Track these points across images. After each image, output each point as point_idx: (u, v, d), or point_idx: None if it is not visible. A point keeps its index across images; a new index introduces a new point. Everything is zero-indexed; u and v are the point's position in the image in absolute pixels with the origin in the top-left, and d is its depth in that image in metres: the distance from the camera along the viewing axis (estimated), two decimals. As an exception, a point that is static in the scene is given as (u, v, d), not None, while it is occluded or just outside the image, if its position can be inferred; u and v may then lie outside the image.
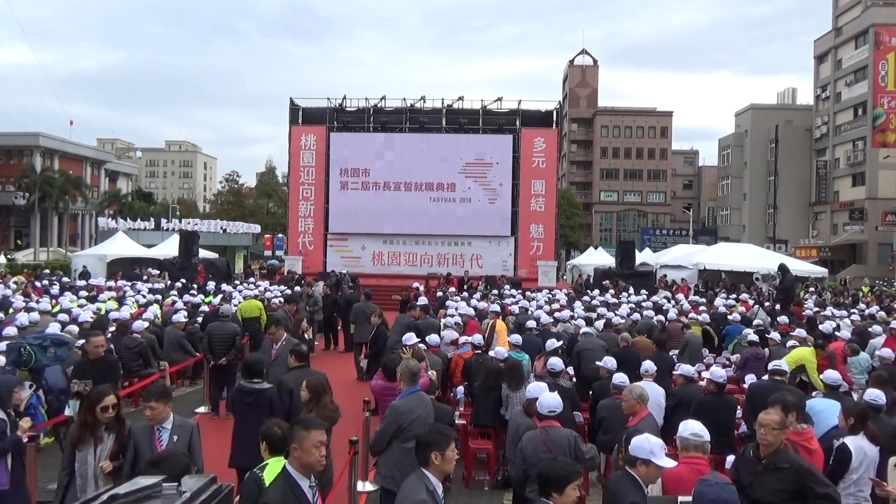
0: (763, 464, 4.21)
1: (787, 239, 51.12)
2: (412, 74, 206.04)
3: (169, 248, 28.31)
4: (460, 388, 8.60)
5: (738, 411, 7.97)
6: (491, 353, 8.50)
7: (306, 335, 11.05)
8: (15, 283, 20.45)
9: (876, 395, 5.72)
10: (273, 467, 3.96)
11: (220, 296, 16.55)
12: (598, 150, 71.74)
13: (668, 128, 71.81)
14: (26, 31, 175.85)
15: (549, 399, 5.24)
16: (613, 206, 71.80)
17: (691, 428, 4.33)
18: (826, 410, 6.13)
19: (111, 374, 7.29)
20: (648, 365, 7.36)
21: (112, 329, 10.34)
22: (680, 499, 3.58)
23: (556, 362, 7.53)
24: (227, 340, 10.13)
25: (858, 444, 4.84)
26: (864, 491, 4.82)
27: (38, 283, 20.41)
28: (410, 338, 8.69)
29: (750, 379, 8.74)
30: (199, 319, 12.54)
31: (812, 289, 24.18)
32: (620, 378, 6.77)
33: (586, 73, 75.05)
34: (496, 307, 11.96)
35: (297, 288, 19.46)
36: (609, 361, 7.72)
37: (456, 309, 13.03)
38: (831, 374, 6.97)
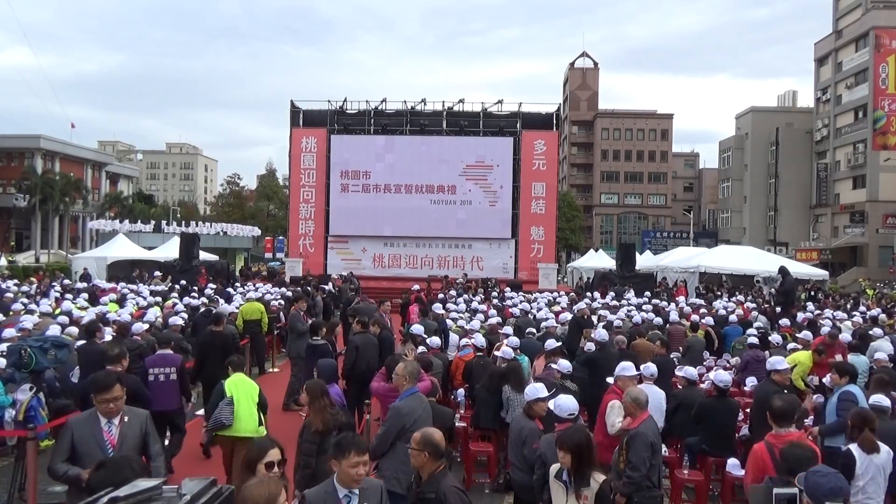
0: (416, 492, 4.00)
1: (788, 241, 51.12)
2: (413, 77, 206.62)
3: (169, 250, 28.31)
4: (461, 391, 8.59)
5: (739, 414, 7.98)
6: (497, 354, 8.49)
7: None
8: (15, 284, 20.43)
9: (879, 398, 5.70)
10: (232, 380, 6.77)
11: (202, 299, 16.39)
12: (599, 152, 71.75)
13: (669, 130, 71.82)
14: (28, 34, 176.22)
15: (566, 402, 5.14)
16: (614, 208, 71.78)
17: (630, 370, 6.34)
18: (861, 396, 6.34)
19: (228, 346, 8.90)
20: (648, 368, 7.34)
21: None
22: (775, 490, 3.50)
23: (565, 364, 7.52)
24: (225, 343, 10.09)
25: (863, 451, 4.81)
26: (874, 498, 4.75)
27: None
28: (419, 329, 8.77)
29: (751, 381, 8.74)
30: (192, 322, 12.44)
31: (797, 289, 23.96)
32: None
33: (587, 75, 75.09)
34: (506, 328, 11.50)
35: (298, 289, 19.45)
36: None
37: (461, 313, 13.01)
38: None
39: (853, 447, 4.85)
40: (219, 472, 7.01)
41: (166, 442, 7.38)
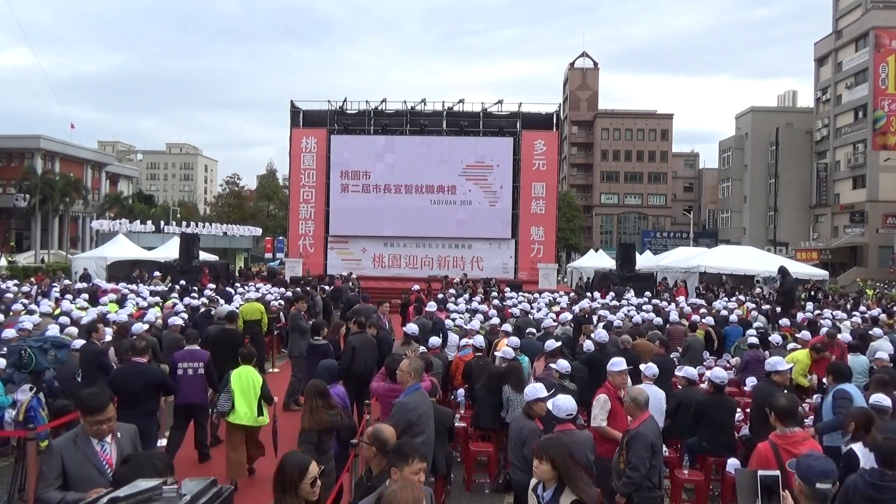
0: (366, 486, 4.03)
1: (788, 241, 51.12)
2: (413, 77, 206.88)
3: (169, 250, 28.30)
4: (461, 391, 8.59)
5: (738, 414, 7.97)
6: (497, 354, 8.50)
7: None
8: (15, 284, 20.42)
9: (880, 398, 5.70)
10: (237, 370, 7.27)
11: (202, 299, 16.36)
12: (599, 152, 71.76)
13: (669, 130, 71.82)
14: (28, 35, 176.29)
15: (565, 402, 5.15)
16: (614, 208, 71.79)
17: (620, 365, 6.37)
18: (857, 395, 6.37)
19: (239, 342, 8.86)
20: (650, 368, 7.35)
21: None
22: (760, 473, 3.62)
23: (563, 363, 7.52)
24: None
25: (866, 451, 4.77)
26: None
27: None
28: (412, 328, 8.80)
29: (751, 381, 8.74)
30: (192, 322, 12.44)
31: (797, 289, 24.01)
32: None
33: (587, 75, 75.09)
34: (506, 326, 11.45)
35: (298, 290, 19.45)
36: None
37: (460, 313, 12.96)
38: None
39: (856, 447, 4.84)
40: (219, 472, 7.02)
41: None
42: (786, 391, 6.59)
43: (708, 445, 7.02)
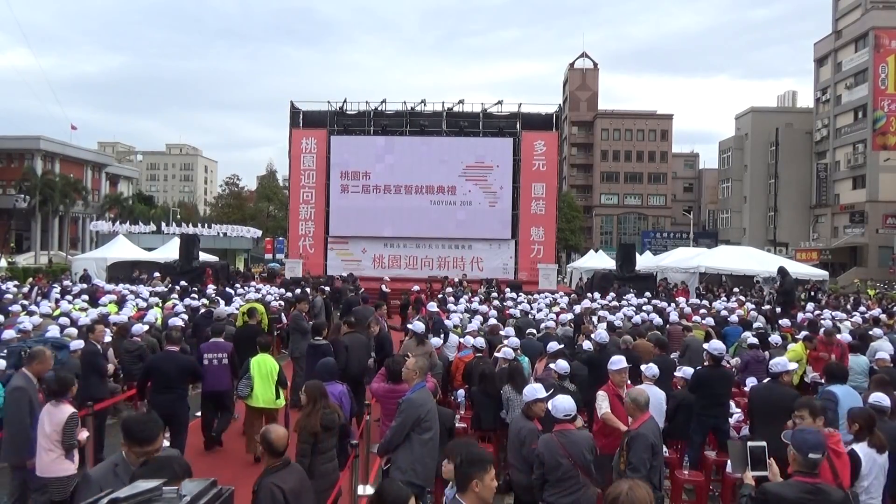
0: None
1: (788, 242, 51.12)
2: (413, 78, 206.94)
3: (169, 251, 28.32)
4: (461, 392, 8.58)
5: (738, 414, 7.97)
6: (498, 355, 8.49)
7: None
8: (16, 286, 20.42)
9: (879, 397, 5.70)
10: (256, 358, 8.07)
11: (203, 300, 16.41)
12: (599, 153, 71.76)
13: (669, 131, 71.82)
14: (28, 36, 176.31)
15: (563, 402, 5.15)
16: (614, 209, 71.78)
17: (620, 364, 6.46)
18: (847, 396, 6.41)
19: (259, 335, 9.07)
20: (651, 369, 7.35)
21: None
22: (749, 444, 4.19)
23: (562, 365, 7.53)
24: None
25: (868, 451, 4.79)
26: (876, 499, 4.76)
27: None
28: (420, 326, 8.84)
29: (751, 382, 8.74)
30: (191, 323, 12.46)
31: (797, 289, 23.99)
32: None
33: (586, 76, 75.10)
34: (508, 329, 11.36)
35: (298, 291, 19.43)
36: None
37: (459, 314, 12.95)
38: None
39: (858, 447, 4.84)
40: (219, 472, 7.02)
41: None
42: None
43: (705, 416, 7.27)
